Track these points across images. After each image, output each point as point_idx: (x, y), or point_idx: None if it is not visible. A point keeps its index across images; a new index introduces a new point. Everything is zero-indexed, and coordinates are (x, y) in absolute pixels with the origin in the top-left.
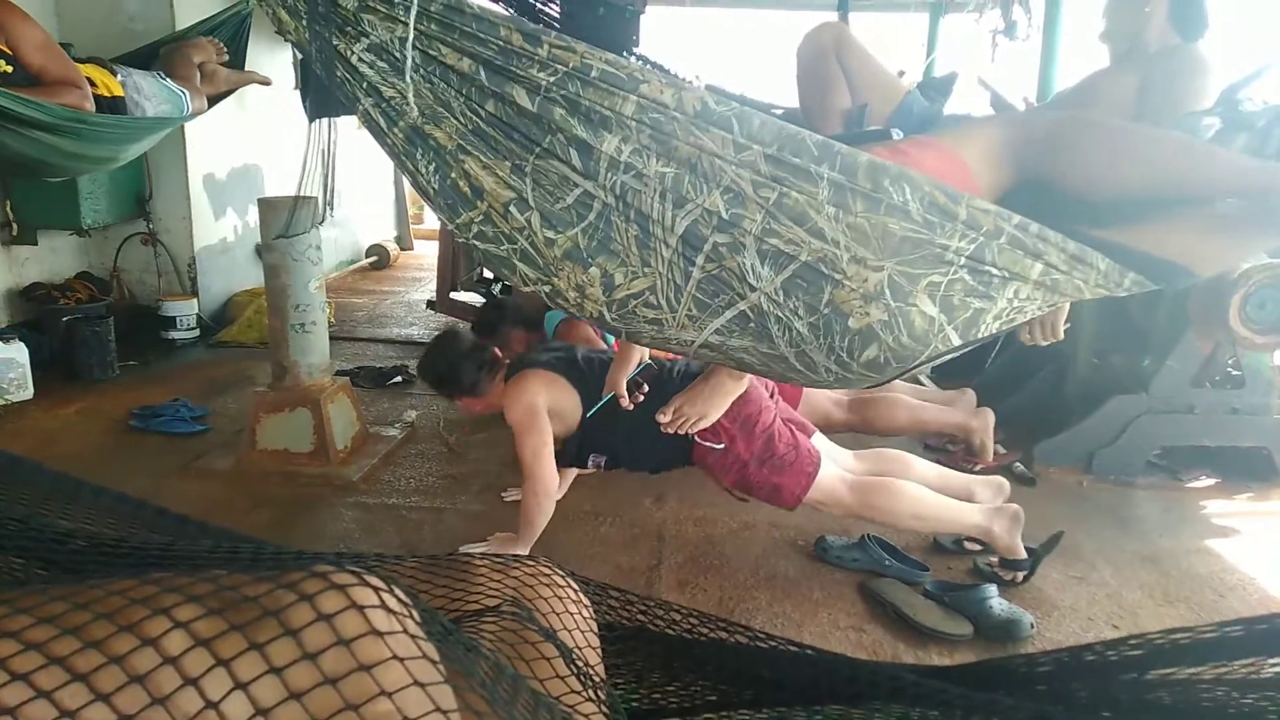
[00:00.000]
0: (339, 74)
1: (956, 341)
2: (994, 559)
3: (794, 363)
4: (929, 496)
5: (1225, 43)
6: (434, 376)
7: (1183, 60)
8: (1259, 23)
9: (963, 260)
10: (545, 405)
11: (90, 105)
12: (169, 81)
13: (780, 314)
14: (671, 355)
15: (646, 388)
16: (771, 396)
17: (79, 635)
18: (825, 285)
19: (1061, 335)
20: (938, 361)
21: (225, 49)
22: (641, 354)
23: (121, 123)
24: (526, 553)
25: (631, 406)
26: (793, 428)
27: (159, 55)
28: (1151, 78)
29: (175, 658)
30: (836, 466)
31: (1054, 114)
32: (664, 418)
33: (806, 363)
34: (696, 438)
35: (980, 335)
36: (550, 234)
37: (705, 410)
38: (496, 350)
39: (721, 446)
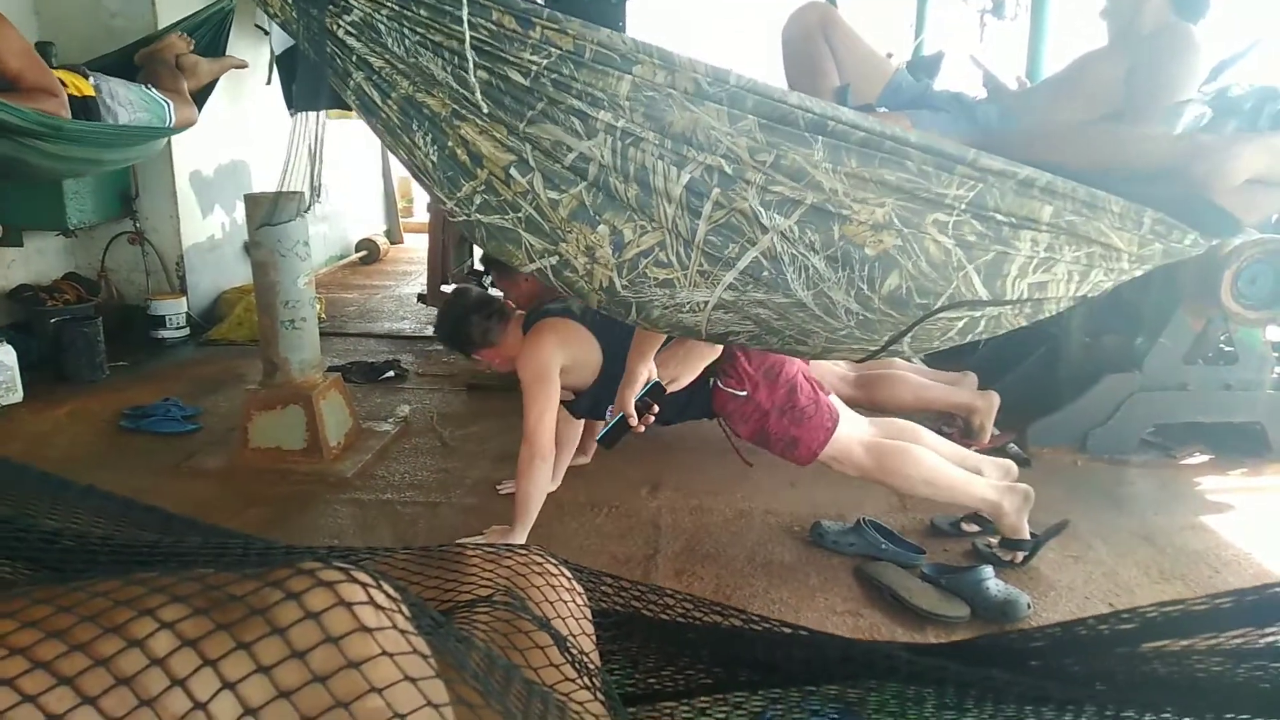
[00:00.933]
0: (328, 49)
1: (979, 286)
2: (993, 540)
3: (813, 308)
4: (943, 465)
5: (1221, 20)
6: (446, 334)
7: (1171, 39)
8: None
9: (963, 206)
10: (560, 364)
11: (66, 113)
12: (153, 91)
13: (796, 251)
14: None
15: (657, 408)
16: None
17: (64, 638)
18: (834, 223)
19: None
20: (963, 319)
21: (191, 39)
22: (650, 372)
23: (97, 129)
24: (522, 542)
25: (643, 429)
26: (814, 384)
27: (140, 69)
28: (1140, 59)
29: (162, 659)
30: (853, 427)
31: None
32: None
33: (825, 305)
34: (719, 384)
35: (1009, 292)
36: (554, 194)
37: (678, 373)
38: (508, 301)
39: (744, 394)
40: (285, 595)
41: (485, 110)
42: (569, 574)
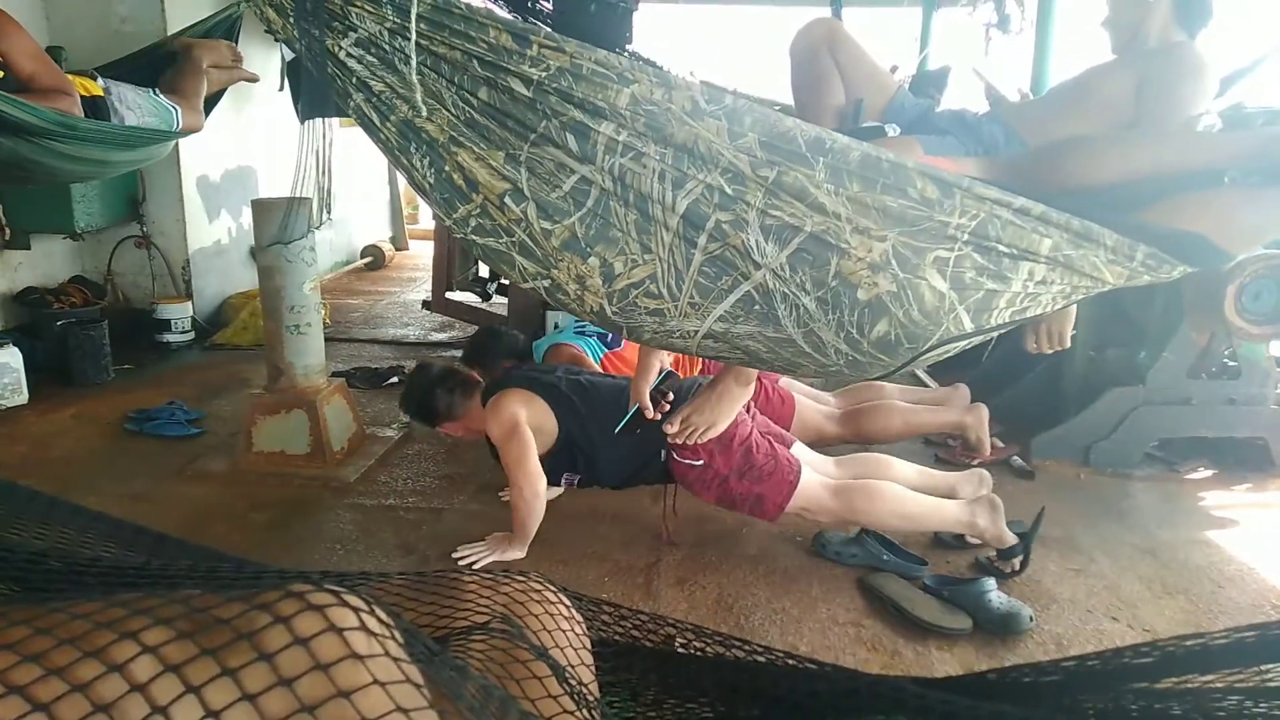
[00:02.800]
0: (329, 70)
1: (968, 325)
2: (992, 553)
3: (802, 345)
4: (911, 496)
5: (1223, 34)
6: (412, 407)
7: (1181, 59)
8: (1254, 13)
9: (966, 236)
10: (525, 419)
11: (79, 111)
12: (161, 98)
13: (787, 290)
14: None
15: (672, 396)
16: (748, 411)
17: (40, 662)
18: (831, 256)
19: (1069, 343)
20: (948, 351)
21: (240, 55)
22: (662, 362)
23: (108, 129)
24: (524, 552)
25: (658, 416)
26: (770, 439)
27: (176, 49)
28: (1149, 76)
29: (143, 684)
30: (818, 474)
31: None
32: (671, 429)
33: (815, 343)
34: (675, 455)
35: (992, 323)
36: (547, 224)
37: (713, 419)
38: (473, 374)
39: (700, 463)
40: (273, 619)
41: (485, 134)
42: (568, 602)
